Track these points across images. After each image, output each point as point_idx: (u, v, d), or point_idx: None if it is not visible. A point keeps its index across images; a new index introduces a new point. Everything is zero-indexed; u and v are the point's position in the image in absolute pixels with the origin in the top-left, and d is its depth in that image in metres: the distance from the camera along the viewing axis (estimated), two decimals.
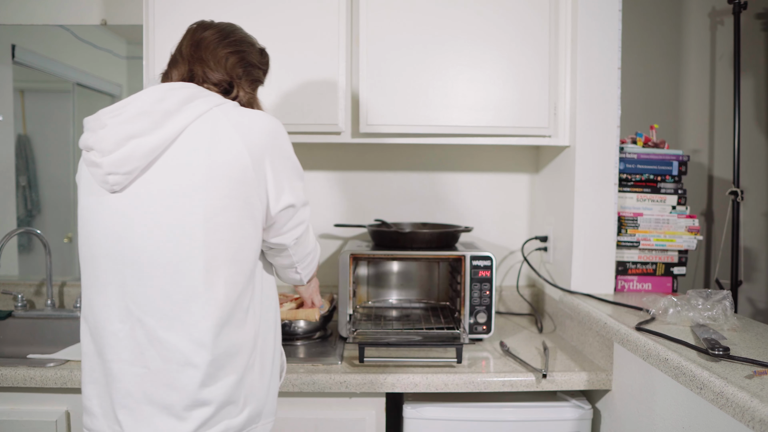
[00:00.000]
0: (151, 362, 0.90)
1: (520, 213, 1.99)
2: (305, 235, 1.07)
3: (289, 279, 1.14)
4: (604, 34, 1.55)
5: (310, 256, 1.12)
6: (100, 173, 0.90)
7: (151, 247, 0.90)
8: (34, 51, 1.95)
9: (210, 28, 1.04)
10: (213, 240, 0.90)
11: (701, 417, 0.99)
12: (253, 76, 1.08)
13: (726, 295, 1.22)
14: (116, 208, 0.92)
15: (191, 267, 0.89)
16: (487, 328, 1.56)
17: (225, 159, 0.90)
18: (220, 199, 0.90)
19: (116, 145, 0.88)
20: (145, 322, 0.90)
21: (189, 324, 0.90)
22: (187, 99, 0.92)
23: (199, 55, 1.01)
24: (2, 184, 1.98)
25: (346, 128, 1.61)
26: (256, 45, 1.11)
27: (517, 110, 1.60)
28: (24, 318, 1.80)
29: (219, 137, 0.91)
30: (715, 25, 2.14)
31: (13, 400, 1.34)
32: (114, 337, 0.92)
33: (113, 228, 0.92)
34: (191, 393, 0.90)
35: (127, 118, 0.90)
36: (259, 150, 0.93)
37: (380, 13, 1.57)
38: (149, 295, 0.90)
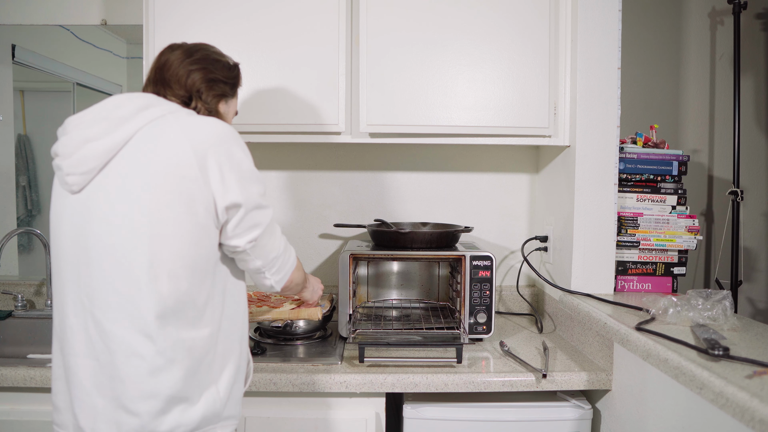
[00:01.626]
0: (101, 354, 0.95)
1: (520, 213, 1.99)
2: (265, 239, 1.05)
3: (262, 285, 1.13)
4: (604, 34, 1.55)
5: (279, 261, 1.10)
6: (61, 175, 0.97)
7: (101, 243, 0.95)
8: (34, 51, 1.95)
9: (177, 50, 1.09)
10: (157, 234, 0.93)
11: (701, 417, 0.99)
12: (217, 91, 1.10)
13: (726, 295, 1.21)
14: (75, 207, 0.97)
15: (136, 260, 0.93)
16: (487, 328, 1.56)
17: (168, 156, 0.94)
18: (163, 194, 0.93)
19: (75, 149, 0.95)
20: (94, 314, 0.95)
21: (134, 316, 0.93)
22: (142, 107, 0.98)
23: (161, 76, 1.06)
24: (2, 184, 1.98)
25: (346, 128, 1.61)
26: (223, 61, 1.14)
27: (517, 110, 1.60)
28: (24, 318, 1.80)
29: (165, 137, 0.95)
30: (715, 25, 2.14)
31: (13, 400, 1.34)
32: (70, 330, 0.97)
33: (72, 226, 0.97)
34: (137, 383, 0.93)
35: (86, 123, 0.96)
36: (204, 148, 0.95)
37: (380, 12, 1.57)
38: (98, 289, 0.95)
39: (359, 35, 1.58)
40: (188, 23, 1.56)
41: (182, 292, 0.95)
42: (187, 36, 1.55)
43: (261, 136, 1.60)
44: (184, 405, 0.96)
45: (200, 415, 0.98)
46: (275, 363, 1.39)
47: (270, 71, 1.58)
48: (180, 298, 0.95)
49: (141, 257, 0.93)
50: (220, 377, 1.02)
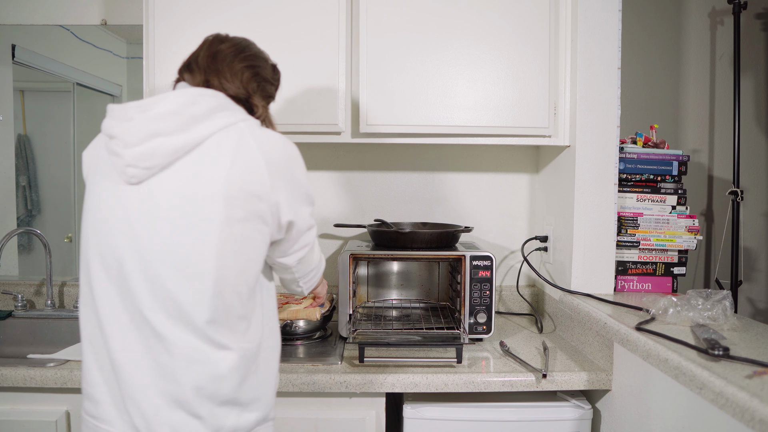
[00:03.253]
0: (159, 356, 0.92)
1: (520, 213, 1.99)
2: (308, 256, 1.12)
3: (291, 290, 1.20)
4: (604, 34, 1.55)
5: (313, 272, 1.17)
6: (120, 163, 0.91)
7: (164, 246, 0.91)
8: (34, 51, 1.95)
9: (226, 42, 1.06)
10: (225, 249, 0.92)
11: (701, 417, 0.99)
12: (266, 92, 1.10)
13: (726, 295, 1.21)
14: (131, 200, 0.92)
15: (202, 271, 0.91)
16: (487, 328, 1.56)
17: (246, 172, 0.92)
18: (236, 209, 0.92)
19: (140, 140, 0.90)
20: (150, 318, 0.91)
21: (195, 325, 0.91)
22: (215, 108, 0.95)
23: (216, 66, 1.02)
24: (2, 184, 1.98)
25: (346, 128, 1.61)
26: (269, 61, 1.13)
27: (517, 110, 1.60)
28: (24, 318, 1.80)
29: (242, 150, 0.93)
30: (715, 25, 2.14)
31: (13, 400, 1.34)
32: (120, 327, 0.93)
33: (121, 217, 0.93)
34: (199, 388, 0.92)
35: (155, 115, 0.91)
36: (276, 168, 0.95)
37: (380, 12, 1.57)
38: (156, 292, 0.91)
39: (359, 35, 1.58)
40: (188, 23, 1.56)
41: (239, 303, 0.96)
42: (187, 35, 1.56)
43: None
44: (239, 409, 0.97)
45: (254, 418, 0.99)
46: None
47: None
48: (237, 309, 0.95)
49: (207, 269, 0.91)
50: (265, 380, 1.03)
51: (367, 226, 1.76)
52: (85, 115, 2.00)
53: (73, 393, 1.34)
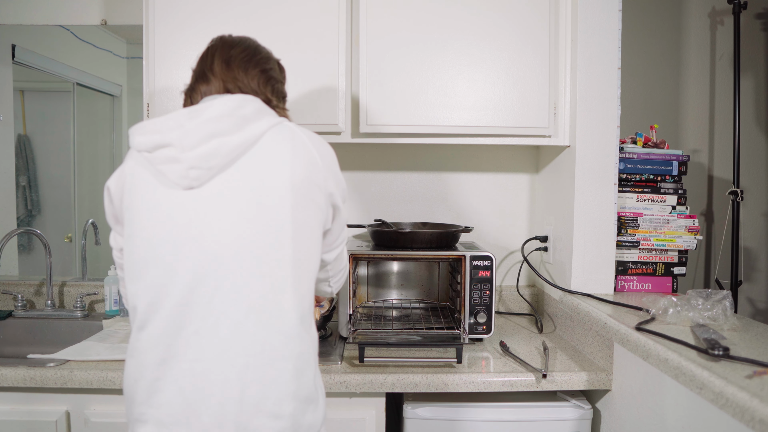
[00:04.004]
0: (237, 358, 0.89)
1: (520, 213, 1.99)
2: (343, 254, 1.19)
3: (321, 291, 1.22)
4: (604, 34, 1.55)
5: (342, 272, 1.22)
6: (179, 168, 0.91)
7: (237, 241, 0.91)
8: (34, 51, 1.95)
9: (235, 47, 1.06)
10: (298, 235, 0.94)
11: (701, 417, 0.99)
12: (281, 93, 1.12)
13: (726, 295, 1.21)
14: (193, 204, 0.92)
15: (281, 259, 0.92)
16: (487, 328, 1.56)
17: (306, 162, 0.96)
18: (302, 197, 0.95)
19: (200, 142, 0.91)
20: (232, 318, 0.89)
21: (277, 317, 0.91)
22: (260, 110, 0.98)
23: (232, 74, 1.03)
24: (2, 184, 1.98)
25: (346, 128, 1.61)
26: (275, 59, 1.14)
27: (517, 110, 1.60)
28: (24, 318, 1.80)
29: (299, 144, 0.98)
30: (715, 25, 2.14)
31: (13, 400, 1.34)
32: (194, 336, 0.89)
33: (190, 224, 0.91)
34: (282, 385, 0.90)
35: (208, 118, 0.93)
36: (327, 163, 1.01)
37: (380, 12, 1.57)
38: (238, 291, 0.90)
39: (359, 35, 1.58)
40: (188, 23, 1.56)
41: (309, 295, 0.97)
42: (187, 35, 1.56)
43: None
44: (314, 405, 0.96)
45: (322, 414, 0.98)
46: None
47: None
48: (308, 301, 0.97)
49: (286, 258, 0.92)
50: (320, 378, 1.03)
51: (367, 226, 1.76)
52: (85, 115, 2.00)
53: (73, 393, 1.34)
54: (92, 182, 2.01)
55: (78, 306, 1.81)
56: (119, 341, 1.53)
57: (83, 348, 1.46)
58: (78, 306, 1.81)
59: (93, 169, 2.01)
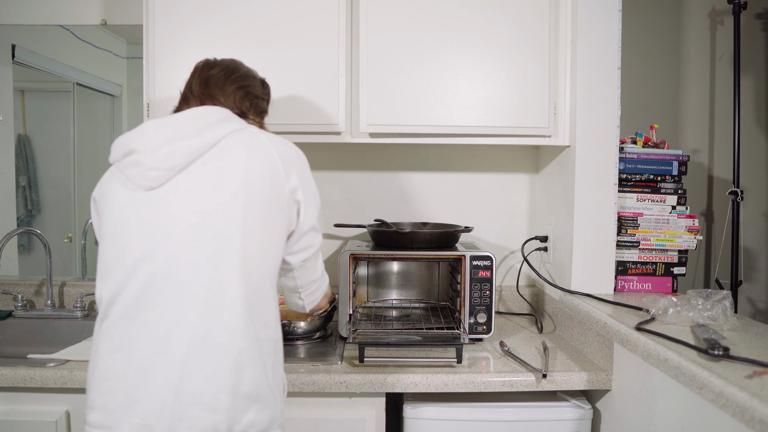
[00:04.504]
0: (178, 349, 0.92)
1: (520, 213, 1.99)
2: (312, 261, 1.15)
3: (293, 304, 1.22)
4: (604, 34, 1.55)
5: (315, 284, 1.20)
6: (140, 170, 0.96)
7: (188, 237, 0.95)
8: (34, 51, 1.95)
9: (215, 67, 1.13)
10: (249, 232, 0.96)
11: (701, 417, 0.99)
12: (259, 108, 1.17)
13: (726, 295, 1.21)
14: (151, 203, 0.97)
15: (228, 255, 0.94)
16: (487, 328, 1.56)
17: (262, 161, 1.00)
18: (255, 195, 0.97)
19: (160, 145, 0.96)
20: (179, 309, 0.93)
21: (221, 310, 0.94)
22: (225, 118, 1.03)
23: (209, 92, 1.10)
24: (2, 184, 1.98)
25: (346, 128, 1.61)
26: (258, 77, 1.19)
27: (517, 110, 1.60)
28: (24, 318, 1.80)
29: (257, 144, 1.01)
30: (715, 25, 2.14)
31: (13, 400, 1.34)
32: (146, 326, 0.93)
33: (148, 222, 0.96)
34: (221, 379, 0.92)
35: (170, 125, 0.99)
36: (289, 163, 1.03)
37: (380, 12, 1.57)
38: (186, 284, 0.94)
39: (359, 35, 1.58)
40: (188, 23, 1.56)
41: (263, 292, 0.99)
42: (187, 35, 1.56)
43: None
44: (258, 405, 0.96)
45: (270, 415, 0.98)
46: None
47: (270, 71, 1.57)
48: (261, 298, 0.98)
49: (234, 252, 0.95)
50: (277, 381, 1.03)
51: (367, 226, 1.76)
52: (85, 115, 2.00)
53: (73, 393, 1.34)
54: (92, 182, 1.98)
55: (78, 306, 1.81)
56: None
57: (83, 348, 1.46)
58: (78, 306, 1.81)
59: (93, 169, 2.01)
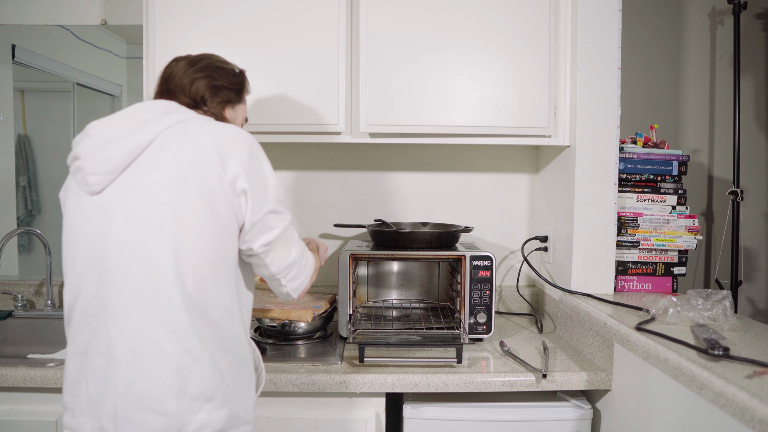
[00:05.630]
0: (123, 353, 0.93)
1: (520, 213, 1.99)
2: (279, 244, 1.06)
3: (279, 293, 1.15)
4: (604, 34, 1.55)
5: (295, 268, 1.11)
6: (81, 176, 0.96)
7: (124, 240, 0.95)
8: (34, 51, 1.95)
9: (181, 61, 1.12)
10: (181, 230, 0.94)
11: (701, 417, 0.99)
12: (222, 97, 1.13)
13: (726, 295, 1.21)
14: (94, 208, 0.98)
15: (161, 256, 0.93)
16: (487, 328, 1.56)
17: (193, 155, 0.97)
18: (187, 190, 0.95)
19: (98, 149, 0.96)
20: (116, 313, 0.94)
21: (160, 314, 0.93)
22: (165, 111, 1.01)
23: (167, 87, 1.10)
24: (2, 184, 1.98)
25: (345, 128, 1.61)
26: (228, 68, 1.16)
27: (517, 110, 1.60)
28: (24, 318, 1.80)
29: (189, 136, 0.98)
30: (715, 25, 2.14)
31: (13, 400, 1.34)
32: (94, 331, 0.96)
33: (91, 227, 0.97)
34: (165, 381, 0.93)
35: (108, 125, 0.98)
36: (226, 150, 0.98)
37: (380, 12, 1.57)
38: (121, 287, 0.94)
39: (359, 35, 1.58)
40: (188, 23, 1.56)
41: (207, 291, 0.96)
42: (187, 35, 1.56)
43: (260, 136, 1.59)
44: (211, 405, 0.96)
45: (225, 415, 0.97)
46: (275, 363, 1.39)
47: (270, 71, 1.58)
48: (205, 297, 0.96)
49: (166, 253, 0.93)
50: (239, 379, 1.02)
51: (367, 226, 1.76)
52: (85, 115, 2.00)
53: None
54: None
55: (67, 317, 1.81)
56: None
57: None
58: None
59: None
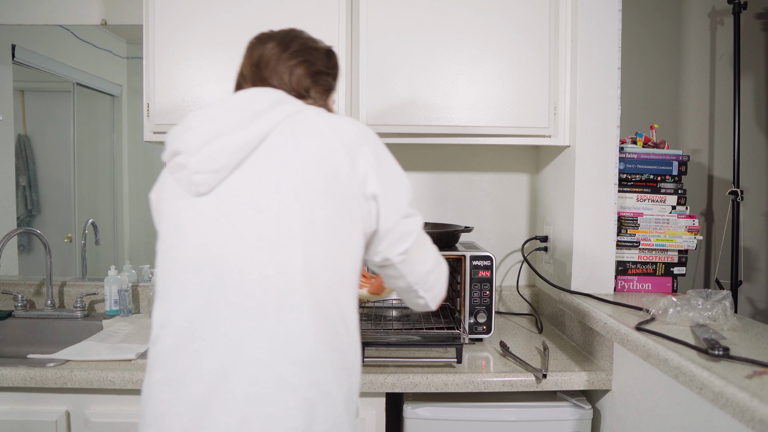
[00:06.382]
0: (237, 386, 0.78)
1: (520, 213, 1.99)
2: (416, 251, 0.94)
3: (414, 305, 1.02)
4: (604, 34, 1.55)
5: (432, 275, 0.98)
6: (185, 174, 0.84)
7: (241, 253, 0.81)
8: (34, 51, 1.95)
9: (269, 41, 0.96)
10: (312, 239, 0.81)
11: (701, 417, 0.99)
12: (324, 85, 0.99)
13: (726, 295, 1.21)
14: (200, 210, 0.84)
15: (292, 271, 0.79)
16: (487, 328, 1.56)
17: (318, 154, 0.84)
18: (316, 195, 0.82)
19: (204, 144, 0.83)
20: (232, 338, 0.79)
21: (284, 339, 0.78)
22: (276, 101, 0.88)
23: (260, 74, 0.95)
24: (2, 184, 1.98)
25: None
26: (321, 48, 1.00)
27: (517, 110, 1.60)
28: (24, 318, 1.80)
29: (311, 132, 0.85)
30: (715, 25, 2.14)
31: (13, 400, 1.34)
32: (195, 355, 0.80)
33: (198, 236, 0.84)
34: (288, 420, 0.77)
35: (213, 117, 0.85)
36: (353, 148, 0.86)
37: (380, 12, 1.57)
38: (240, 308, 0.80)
39: (359, 35, 1.58)
40: (188, 23, 1.56)
41: (335, 313, 0.83)
42: (187, 35, 1.56)
43: None
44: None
45: None
46: None
47: None
48: (334, 320, 0.82)
49: (296, 270, 0.79)
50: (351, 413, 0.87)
51: None
52: (85, 115, 2.00)
53: (73, 393, 1.34)
54: (92, 182, 2.01)
55: (78, 306, 1.81)
56: (119, 341, 1.53)
57: (83, 348, 1.46)
58: (78, 306, 1.81)
59: (93, 169, 2.01)
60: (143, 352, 1.43)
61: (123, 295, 1.82)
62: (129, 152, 2.00)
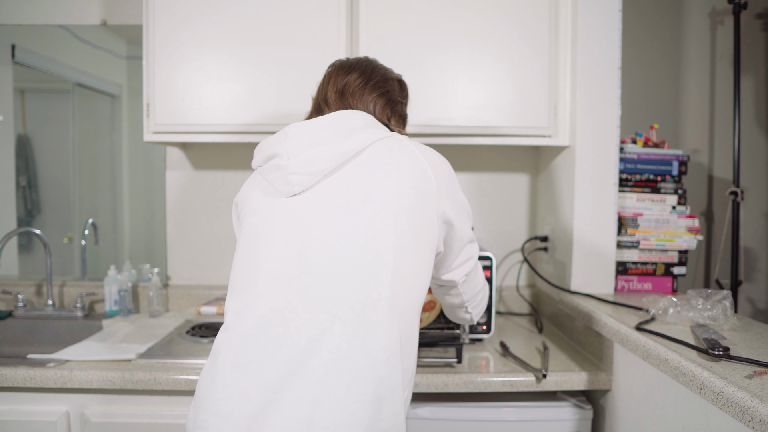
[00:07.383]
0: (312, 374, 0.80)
1: (520, 213, 1.99)
2: (474, 274, 1.09)
3: (459, 319, 1.17)
4: (604, 34, 1.55)
5: (480, 294, 1.14)
6: (282, 174, 0.90)
7: (332, 248, 0.86)
8: (34, 51, 1.95)
9: (352, 72, 1.04)
10: (401, 248, 0.87)
11: (701, 417, 0.99)
12: (401, 113, 1.09)
13: (726, 295, 1.21)
14: (293, 210, 0.90)
15: (381, 270, 0.85)
16: (487, 328, 1.56)
17: (414, 172, 0.91)
18: (408, 209, 0.89)
19: (303, 149, 0.90)
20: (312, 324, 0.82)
21: (364, 333, 0.82)
22: (370, 123, 0.96)
23: (346, 102, 1.02)
24: (2, 184, 1.98)
25: None
26: (395, 78, 1.10)
27: (517, 110, 1.60)
28: (24, 318, 1.80)
29: (408, 154, 0.93)
30: (715, 25, 2.14)
31: (13, 400, 1.34)
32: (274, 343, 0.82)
33: (285, 231, 0.89)
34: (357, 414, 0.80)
35: (312, 129, 0.92)
36: (440, 176, 0.94)
37: (380, 13, 1.57)
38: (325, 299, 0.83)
39: (359, 36, 1.58)
40: (188, 22, 1.56)
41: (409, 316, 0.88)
42: (187, 35, 1.56)
43: (260, 136, 1.60)
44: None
45: None
46: None
47: (269, 71, 1.58)
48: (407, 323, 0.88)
49: (385, 270, 0.84)
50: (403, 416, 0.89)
51: None
52: (85, 115, 2.00)
53: (73, 393, 1.34)
54: (92, 182, 2.01)
55: (78, 306, 1.81)
56: (119, 341, 1.53)
57: (83, 348, 1.46)
58: (78, 306, 1.81)
59: (93, 169, 2.01)
60: (143, 352, 1.43)
61: (123, 295, 1.82)
62: (129, 152, 2.00)
